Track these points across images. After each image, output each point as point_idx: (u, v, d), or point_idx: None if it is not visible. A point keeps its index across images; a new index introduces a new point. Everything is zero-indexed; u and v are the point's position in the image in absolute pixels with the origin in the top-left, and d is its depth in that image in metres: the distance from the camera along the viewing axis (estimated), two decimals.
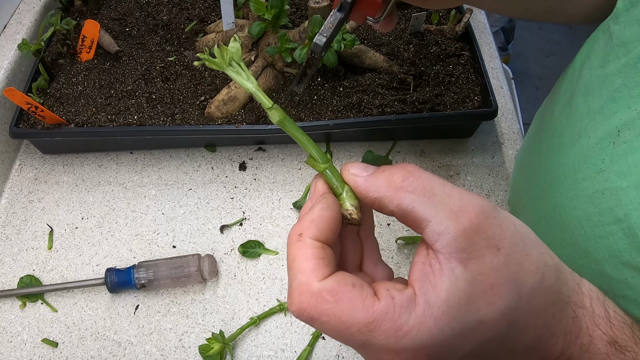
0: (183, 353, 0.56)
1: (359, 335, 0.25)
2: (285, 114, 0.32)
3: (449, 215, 0.26)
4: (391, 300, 0.25)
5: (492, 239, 0.26)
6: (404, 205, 0.27)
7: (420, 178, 0.27)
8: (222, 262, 0.62)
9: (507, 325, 0.26)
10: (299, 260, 0.27)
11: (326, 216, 0.29)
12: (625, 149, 0.36)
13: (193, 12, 0.79)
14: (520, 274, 0.26)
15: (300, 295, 0.26)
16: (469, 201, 0.27)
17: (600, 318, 0.29)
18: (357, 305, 0.25)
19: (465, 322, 0.25)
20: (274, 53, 0.64)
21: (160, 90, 0.69)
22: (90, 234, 0.65)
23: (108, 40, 0.73)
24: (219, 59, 0.31)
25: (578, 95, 0.43)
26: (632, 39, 0.36)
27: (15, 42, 0.75)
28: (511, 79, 1.27)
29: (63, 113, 0.66)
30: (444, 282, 0.25)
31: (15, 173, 0.71)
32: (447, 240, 0.26)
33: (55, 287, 0.59)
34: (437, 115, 0.65)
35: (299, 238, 0.28)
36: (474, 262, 0.25)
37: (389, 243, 0.63)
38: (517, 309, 0.26)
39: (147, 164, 0.71)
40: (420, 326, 0.25)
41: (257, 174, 0.70)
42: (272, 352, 0.56)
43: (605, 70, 0.39)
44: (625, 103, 0.36)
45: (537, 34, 2.31)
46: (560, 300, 0.28)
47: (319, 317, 0.26)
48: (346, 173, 0.31)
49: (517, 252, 0.27)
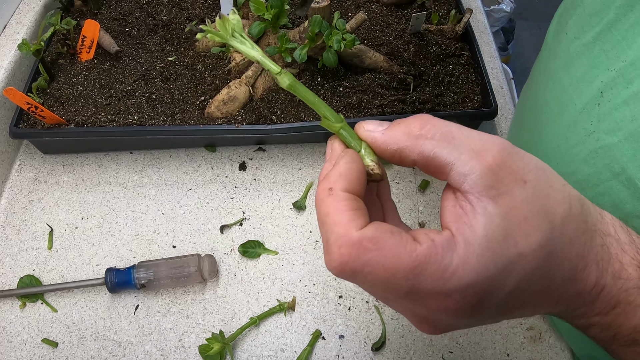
0: (183, 353, 0.56)
1: (405, 282, 0.25)
2: (295, 78, 0.31)
3: (472, 156, 0.26)
4: (432, 242, 0.25)
5: (517, 173, 0.26)
6: (426, 152, 0.27)
7: (437, 124, 0.28)
8: (222, 262, 0.62)
9: (545, 255, 0.26)
10: (333, 214, 0.26)
11: (353, 168, 0.28)
12: (610, 107, 0.37)
13: (193, 12, 0.79)
14: (549, 204, 0.26)
15: (339, 249, 0.26)
16: (489, 140, 0.27)
17: (626, 244, 0.29)
18: (400, 250, 0.25)
19: (506, 256, 0.25)
20: (274, 53, 0.64)
21: (160, 90, 0.69)
22: (90, 234, 0.65)
23: (108, 40, 0.73)
24: (222, 30, 0.31)
25: (559, 69, 0.45)
26: (603, 8, 0.38)
27: (15, 42, 0.75)
28: (511, 79, 1.27)
29: (63, 113, 0.66)
30: (479, 220, 0.25)
31: (15, 173, 0.71)
32: (474, 180, 0.26)
33: (55, 287, 0.59)
34: (437, 115, 0.65)
35: (329, 192, 0.27)
36: (504, 197, 0.25)
37: None
38: (552, 239, 0.26)
39: (147, 164, 0.71)
40: (465, 265, 0.25)
41: (257, 174, 0.70)
42: (272, 352, 0.56)
43: (582, 40, 0.41)
44: (604, 66, 0.38)
45: (537, 34, 2.30)
46: (588, 229, 0.28)
47: (362, 268, 0.25)
48: (361, 130, 0.30)
49: (543, 183, 0.27)
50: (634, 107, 0.35)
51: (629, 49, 0.35)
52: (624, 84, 0.36)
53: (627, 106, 0.35)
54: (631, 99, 0.35)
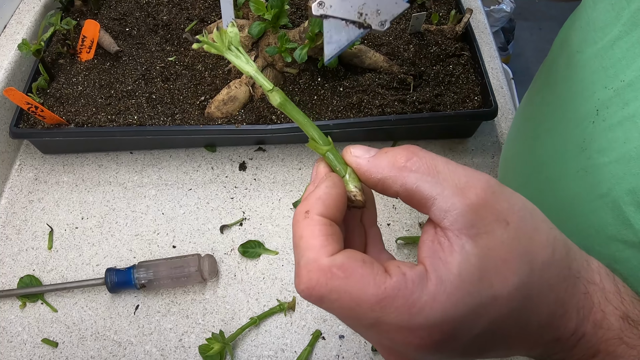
0: (183, 353, 0.56)
1: (371, 313, 0.24)
2: (286, 96, 0.31)
3: (455, 192, 0.26)
4: (403, 276, 0.25)
5: (500, 213, 0.26)
6: (409, 185, 0.27)
7: (423, 157, 0.27)
8: (222, 262, 0.62)
9: (521, 299, 0.25)
10: (306, 238, 0.26)
11: (332, 193, 0.28)
12: (604, 126, 0.36)
13: (193, 12, 0.79)
14: (531, 247, 0.26)
15: (308, 273, 0.25)
16: (475, 177, 0.26)
17: (611, 293, 0.28)
18: (369, 281, 0.25)
19: (479, 298, 0.24)
20: (274, 53, 0.64)
21: (160, 90, 0.69)
22: (90, 234, 0.65)
23: (108, 40, 0.73)
24: (219, 42, 0.31)
25: (558, 82, 0.44)
26: (608, 23, 0.37)
27: (15, 42, 0.75)
28: (511, 79, 1.27)
29: (63, 113, 0.66)
30: (455, 258, 0.25)
31: (15, 173, 0.71)
32: (454, 217, 0.25)
33: (55, 287, 0.59)
34: (437, 115, 0.65)
35: (305, 215, 0.27)
36: (483, 237, 0.25)
37: (389, 243, 0.63)
38: (531, 284, 0.26)
39: (147, 164, 0.71)
40: (433, 302, 0.24)
41: (257, 174, 0.70)
42: (272, 352, 0.56)
43: (583, 55, 0.40)
44: (602, 83, 0.37)
45: (537, 34, 2.30)
46: (571, 275, 0.28)
47: (328, 294, 0.25)
48: (348, 155, 0.30)
49: (527, 225, 0.26)
50: (627, 129, 0.34)
51: (628, 69, 0.34)
52: (620, 104, 0.35)
53: (621, 127, 0.35)
54: (626, 121, 0.34)
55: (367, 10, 0.33)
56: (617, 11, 0.36)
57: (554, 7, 2.35)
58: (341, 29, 0.33)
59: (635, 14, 0.34)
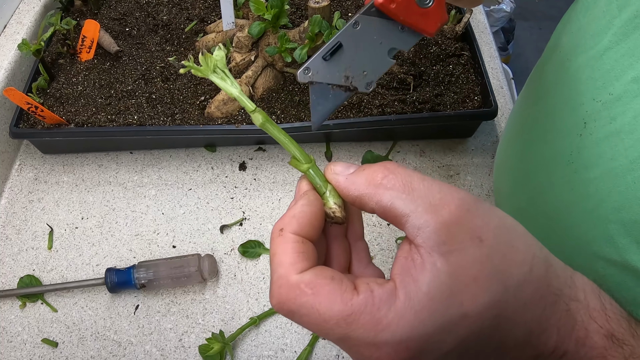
0: (183, 353, 0.56)
1: (337, 329, 0.25)
2: (268, 117, 0.32)
3: (428, 209, 0.26)
4: (370, 293, 0.25)
5: (473, 231, 0.26)
6: (384, 202, 0.27)
7: (399, 174, 0.27)
8: (222, 262, 0.62)
9: (492, 318, 0.25)
10: (279, 255, 0.27)
11: (307, 212, 0.29)
12: (591, 140, 0.36)
13: (193, 12, 0.79)
14: (505, 266, 0.26)
15: (279, 288, 0.26)
16: (449, 194, 0.26)
17: (595, 311, 0.28)
18: (336, 298, 0.25)
19: (448, 316, 0.24)
20: (274, 53, 0.64)
21: (160, 90, 0.69)
22: (90, 234, 0.65)
23: (108, 40, 0.73)
24: (204, 66, 0.31)
25: (547, 89, 0.44)
26: (599, 32, 0.36)
27: (15, 42, 0.75)
28: (511, 79, 1.27)
29: (63, 113, 0.66)
30: (425, 276, 0.25)
31: (15, 173, 0.71)
32: (427, 234, 0.25)
33: (55, 287, 0.59)
34: (437, 115, 0.65)
35: (279, 233, 0.28)
36: (455, 254, 0.25)
37: (389, 243, 0.63)
38: (503, 302, 0.26)
39: (147, 164, 0.71)
40: (400, 320, 0.24)
41: (257, 174, 0.70)
42: (272, 352, 0.56)
43: (572, 63, 0.39)
44: (590, 95, 0.36)
45: (537, 34, 2.31)
46: (550, 293, 0.27)
47: (297, 309, 0.26)
48: (329, 172, 0.31)
49: (502, 243, 0.26)
50: (614, 145, 0.33)
51: (617, 82, 0.34)
52: (608, 118, 0.34)
53: (608, 143, 0.34)
54: (612, 136, 0.34)
55: (353, 72, 0.33)
56: (608, 19, 0.35)
57: (554, 7, 2.35)
58: (327, 93, 0.33)
59: (626, 24, 0.33)
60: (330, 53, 0.33)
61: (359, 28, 0.32)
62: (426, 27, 0.32)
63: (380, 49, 0.33)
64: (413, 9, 0.32)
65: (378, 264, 0.61)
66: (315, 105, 0.34)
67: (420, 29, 0.33)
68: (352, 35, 0.32)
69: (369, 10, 0.32)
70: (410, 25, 0.32)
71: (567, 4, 0.45)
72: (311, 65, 0.33)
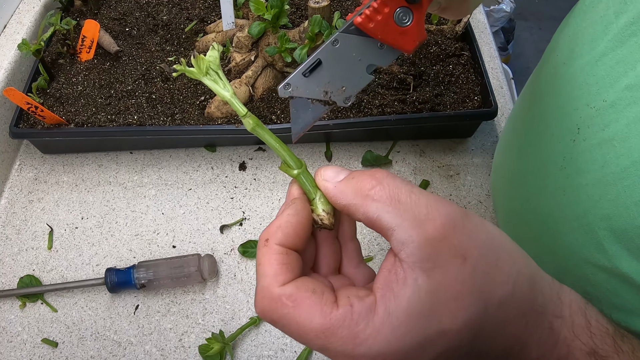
0: (183, 353, 0.56)
1: (317, 340, 0.26)
2: (259, 121, 0.32)
3: (413, 224, 0.26)
4: (350, 307, 0.26)
5: (457, 248, 0.26)
6: (370, 214, 0.27)
7: (388, 185, 0.27)
8: (222, 262, 0.62)
9: (471, 336, 0.26)
10: (263, 265, 0.28)
11: (292, 222, 0.29)
12: (584, 146, 0.36)
13: (193, 12, 0.79)
14: (487, 284, 0.26)
15: (262, 299, 0.27)
16: (436, 209, 0.26)
17: (580, 328, 0.28)
18: (315, 311, 0.26)
19: (425, 333, 0.25)
20: (274, 53, 0.64)
21: (160, 90, 0.69)
22: (90, 234, 0.65)
23: (108, 40, 0.73)
24: (196, 68, 0.31)
25: (543, 93, 0.44)
26: (595, 37, 0.36)
27: (15, 42, 0.75)
28: (511, 79, 1.27)
29: (63, 113, 0.66)
30: (406, 292, 0.25)
31: (15, 173, 0.71)
32: (411, 250, 0.25)
33: (55, 287, 0.59)
34: (437, 115, 0.65)
35: (265, 243, 0.28)
36: (437, 271, 0.25)
37: (388, 243, 0.63)
38: (484, 319, 0.26)
39: (147, 164, 0.71)
40: (377, 335, 0.25)
41: (257, 174, 0.70)
42: (272, 352, 0.56)
43: (569, 68, 0.39)
44: (584, 100, 0.36)
45: (537, 34, 2.31)
46: (533, 311, 0.27)
47: (279, 320, 0.26)
48: (319, 178, 0.31)
49: (486, 262, 0.26)
50: (605, 152, 0.33)
51: (611, 88, 0.34)
52: (601, 125, 0.34)
53: (600, 150, 0.34)
54: (605, 143, 0.34)
55: (332, 88, 0.34)
56: (605, 25, 0.35)
57: (554, 7, 2.35)
58: (307, 107, 0.34)
59: (622, 31, 0.33)
60: (310, 70, 0.33)
61: (339, 46, 0.33)
62: (405, 45, 0.33)
63: (359, 66, 0.33)
64: (392, 28, 0.32)
65: (378, 264, 0.61)
66: (295, 117, 0.34)
67: (398, 46, 0.33)
68: (332, 52, 0.33)
69: (348, 29, 0.32)
70: (389, 43, 0.33)
71: (568, 3, 0.45)
72: (291, 81, 0.34)
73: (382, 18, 0.31)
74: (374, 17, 0.31)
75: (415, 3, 0.31)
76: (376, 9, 0.31)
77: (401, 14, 0.31)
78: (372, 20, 0.31)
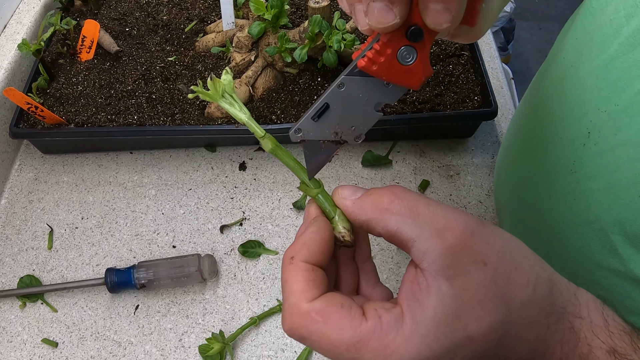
0: (183, 353, 0.56)
1: (348, 354, 0.26)
2: (277, 142, 0.33)
3: (433, 234, 0.26)
4: (378, 319, 0.26)
5: (478, 255, 0.26)
6: (390, 227, 0.28)
7: (405, 199, 0.28)
8: (222, 262, 0.62)
9: (497, 340, 0.26)
10: (290, 283, 0.28)
11: (317, 239, 0.29)
12: (595, 151, 0.36)
13: (193, 12, 0.79)
14: (509, 288, 0.27)
15: (290, 316, 0.27)
16: (454, 218, 0.27)
17: (598, 327, 0.29)
18: (345, 324, 0.26)
19: (453, 339, 0.25)
20: (274, 53, 0.64)
21: (160, 90, 0.69)
22: (90, 234, 0.65)
23: (108, 40, 0.73)
24: (212, 91, 0.32)
25: (550, 95, 0.43)
26: (605, 40, 0.36)
27: (15, 42, 0.75)
28: (511, 79, 1.27)
29: (63, 113, 0.66)
30: (431, 300, 0.26)
31: (15, 173, 0.71)
32: (432, 259, 0.26)
33: (55, 287, 0.59)
34: (437, 115, 0.65)
35: (290, 261, 0.29)
36: (460, 278, 0.26)
37: (389, 243, 0.63)
38: (508, 323, 0.26)
39: (147, 164, 0.71)
40: (407, 344, 0.25)
41: (257, 174, 0.70)
42: (272, 352, 0.56)
43: (577, 71, 0.39)
44: (595, 104, 0.36)
45: (537, 34, 2.31)
46: (554, 312, 0.28)
47: (309, 336, 0.27)
48: (337, 197, 0.31)
49: (506, 266, 0.27)
50: (619, 157, 0.33)
51: (624, 93, 0.33)
52: (613, 129, 0.34)
53: (612, 154, 0.34)
54: (618, 148, 0.34)
55: (342, 128, 0.35)
56: (616, 28, 0.34)
57: (554, 7, 2.35)
58: (319, 148, 0.35)
59: (634, 34, 0.33)
60: (319, 115, 0.33)
61: (344, 89, 0.33)
62: (411, 82, 0.33)
63: (366, 105, 0.34)
64: (396, 68, 0.32)
65: (378, 264, 0.61)
66: (309, 159, 0.35)
67: (404, 84, 0.33)
68: (338, 95, 0.33)
69: (353, 71, 0.32)
70: (394, 82, 0.33)
71: (568, 3, 0.45)
72: (302, 126, 0.34)
73: (385, 59, 0.31)
74: (376, 59, 0.31)
75: (418, 41, 0.31)
76: (378, 51, 0.31)
77: (405, 53, 0.31)
78: (375, 62, 0.31)
